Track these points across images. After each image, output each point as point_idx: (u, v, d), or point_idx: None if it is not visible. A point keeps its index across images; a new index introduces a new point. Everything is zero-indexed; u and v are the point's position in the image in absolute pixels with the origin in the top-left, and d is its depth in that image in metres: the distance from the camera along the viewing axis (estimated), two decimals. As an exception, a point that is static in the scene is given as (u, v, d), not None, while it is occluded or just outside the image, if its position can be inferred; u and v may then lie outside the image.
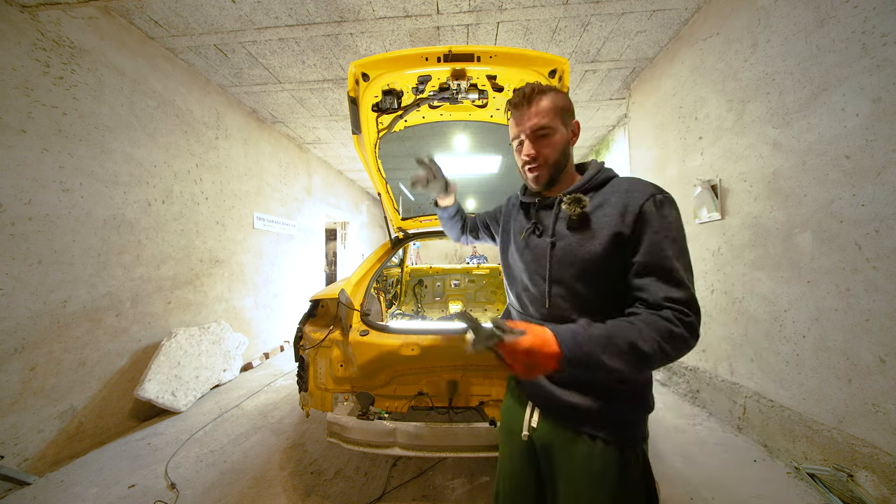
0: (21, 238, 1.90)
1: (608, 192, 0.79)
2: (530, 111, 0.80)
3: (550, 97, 0.81)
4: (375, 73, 1.35)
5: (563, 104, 0.82)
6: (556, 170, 0.83)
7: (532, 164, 0.83)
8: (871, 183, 1.49)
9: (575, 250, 0.77)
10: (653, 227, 0.70)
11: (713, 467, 1.88)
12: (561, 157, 0.82)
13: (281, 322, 4.59)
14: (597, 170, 0.85)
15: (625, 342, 0.63)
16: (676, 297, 0.65)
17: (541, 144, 0.81)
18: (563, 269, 0.77)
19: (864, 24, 1.51)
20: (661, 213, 0.71)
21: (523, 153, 0.83)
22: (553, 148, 0.81)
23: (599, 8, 2.47)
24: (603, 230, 0.74)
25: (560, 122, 0.81)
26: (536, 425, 0.82)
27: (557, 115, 0.81)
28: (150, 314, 2.68)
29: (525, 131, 0.81)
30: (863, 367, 1.55)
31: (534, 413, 0.84)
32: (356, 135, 1.59)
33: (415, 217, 2.58)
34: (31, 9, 2.02)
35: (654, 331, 0.63)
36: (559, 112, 0.81)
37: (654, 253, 0.69)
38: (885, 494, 1.45)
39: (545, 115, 0.80)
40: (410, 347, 1.54)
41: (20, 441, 1.89)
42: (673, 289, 0.66)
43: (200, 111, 3.24)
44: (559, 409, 0.78)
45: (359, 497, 1.70)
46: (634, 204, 0.72)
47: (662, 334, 0.62)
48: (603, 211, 0.76)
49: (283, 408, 2.75)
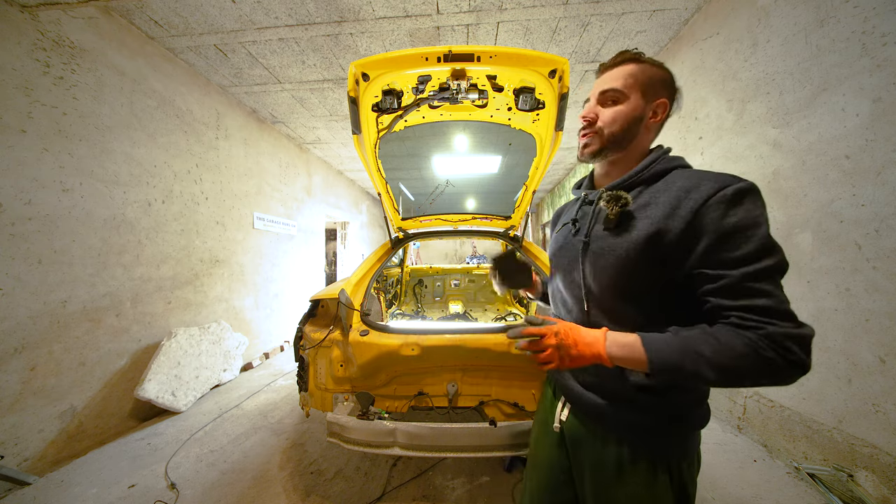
0: (21, 238, 1.90)
1: (660, 189, 0.65)
2: (607, 75, 0.72)
3: (637, 65, 0.70)
4: (375, 73, 1.35)
5: (653, 76, 0.70)
6: (611, 143, 0.71)
7: (586, 129, 0.73)
8: (871, 183, 1.49)
9: (607, 254, 0.67)
10: (721, 225, 0.56)
11: (713, 467, 1.88)
12: (622, 130, 0.70)
13: (281, 322, 4.59)
14: (654, 158, 0.70)
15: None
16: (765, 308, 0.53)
17: (606, 107, 0.71)
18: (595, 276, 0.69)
19: (864, 24, 1.51)
20: (734, 207, 0.56)
21: (581, 114, 0.73)
22: (616, 115, 0.69)
23: (599, 8, 2.47)
24: (640, 232, 0.63)
25: (638, 92, 0.69)
26: (566, 419, 0.81)
27: (637, 84, 0.69)
28: (150, 314, 2.68)
29: (595, 93, 0.73)
30: (863, 367, 1.55)
31: (564, 407, 0.83)
32: (356, 135, 1.59)
33: (415, 217, 2.58)
34: (31, 9, 2.02)
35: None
36: (641, 82, 0.69)
37: (725, 259, 0.56)
38: (885, 494, 1.45)
39: (621, 79, 0.69)
40: (410, 347, 1.54)
41: (20, 441, 1.89)
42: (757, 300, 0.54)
43: (200, 111, 3.24)
44: (584, 406, 0.76)
45: (359, 497, 1.70)
46: (694, 201, 0.58)
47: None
48: (647, 212, 0.64)
49: (283, 408, 2.75)
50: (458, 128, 1.97)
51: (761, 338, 0.50)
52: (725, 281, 0.55)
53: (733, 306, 0.54)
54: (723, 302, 0.55)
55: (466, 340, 1.54)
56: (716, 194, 0.57)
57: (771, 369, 0.50)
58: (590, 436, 0.75)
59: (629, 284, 0.66)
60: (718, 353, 0.51)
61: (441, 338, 1.56)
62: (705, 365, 0.52)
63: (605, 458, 0.71)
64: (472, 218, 2.63)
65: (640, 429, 0.68)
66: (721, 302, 0.55)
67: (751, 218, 0.55)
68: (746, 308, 0.53)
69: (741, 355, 0.50)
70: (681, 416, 0.67)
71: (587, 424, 0.76)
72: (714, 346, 0.52)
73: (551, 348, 0.64)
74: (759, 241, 0.54)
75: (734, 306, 0.54)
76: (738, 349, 0.51)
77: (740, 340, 0.51)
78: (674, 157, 0.70)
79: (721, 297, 0.55)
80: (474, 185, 2.60)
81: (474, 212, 2.66)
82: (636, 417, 0.68)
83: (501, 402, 1.61)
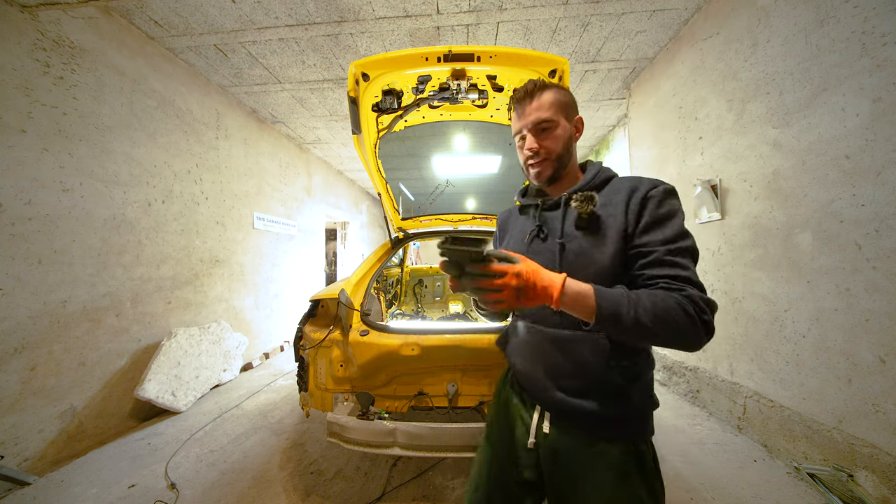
0: (21, 238, 1.90)
1: (611, 192, 0.78)
2: (532, 105, 0.80)
3: (553, 91, 0.80)
4: (375, 73, 1.35)
5: (566, 99, 0.82)
6: (559, 164, 0.81)
7: (534, 159, 0.81)
8: (871, 183, 1.49)
9: (588, 252, 0.74)
10: (655, 213, 0.71)
11: (713, 467, 1.88)
12: (564, 151, 0.81)
13: (281, 322, 4.59)
14: (598, 169, 0.84)
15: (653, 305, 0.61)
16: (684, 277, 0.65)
17: (543, 138, 0.80)
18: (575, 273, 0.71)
19: (864, 24, 1.51)
20: (664, 201, 0.72)
21: (525, 147, 0.81)
22: (555, 141, 0.80)
23: (599, 8, 2.47)
24: (611, 229, 0.73)
25: (563, 116, 0.80)
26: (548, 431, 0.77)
27: (560, 110, 0.80)
28: (150, 314, 2.68)
29: (527, 125, 0.80)
30: (863, 367, 1.55)
31: (543, 419, 0.79)
32: (356, 135, 1.59)
33: (415, 217, 2.58)
34: (31, 9, 2.02)
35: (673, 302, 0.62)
36: (562, 106, 0.80)
37: (656, 239, 0.69)
38: (885, 494, 1.45)
39: (547, 109, 0.79)
40: (410, 347, 1.54)
41: (20, 441, 1.89)
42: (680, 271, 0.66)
43: (200, 111, 3.24)
44: (573, 416, 0.75)
45: (359, 497, 1.70)
46: (637, 196, 0.72)
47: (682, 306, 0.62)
48: (608, 210, 0.75)
49: (283, 408, 2.75)
50: (458, 128, 1.97)
51: (685, 297, 0.62)
52: (655, 255, 0.68)
53: (662, 275, 0.66)
54: (654, 272, 0.67)
55: (466, 340, 1.54)
56: (652, 190, 0.73)
57: (690, 323, 0.60)
58: (574, 444, 0.75)
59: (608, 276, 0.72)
60: (655, 306, 0.61)
61: (441, 338, 1.56)
62: (644, 314, 0.60)
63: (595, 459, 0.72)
64: (472, 218, 2.63)
65: (632, 419, 0.73)
66: (652, 272, 0.68)
67: (674, 210, 0.72)
68: (672, 276, 0.65)
69: (672, 307, 0.61)
70: (653, 398, 0.77)
71: (573, 434, 0.75)
72: (653, 300, 0.62)
73: (509, 289, 0.61)
74: (679, 228, 0.70)
75: (662, 275, 0.66)
76: (669, 303, 0.61)
77: (672, 298, 0.62)
78: (609, 168, 0.85)
79: (652, 269, 0.68)
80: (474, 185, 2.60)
81: (474, 212, 2.66)
82: (622, 409, 0.73)
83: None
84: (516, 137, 0.85)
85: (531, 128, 0.80)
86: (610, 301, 0.62)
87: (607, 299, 0.62)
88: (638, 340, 0.66)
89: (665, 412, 2.53)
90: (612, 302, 0.62)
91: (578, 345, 0.74)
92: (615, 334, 0.67)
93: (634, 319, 0.60)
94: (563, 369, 0.76)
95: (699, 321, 0.60)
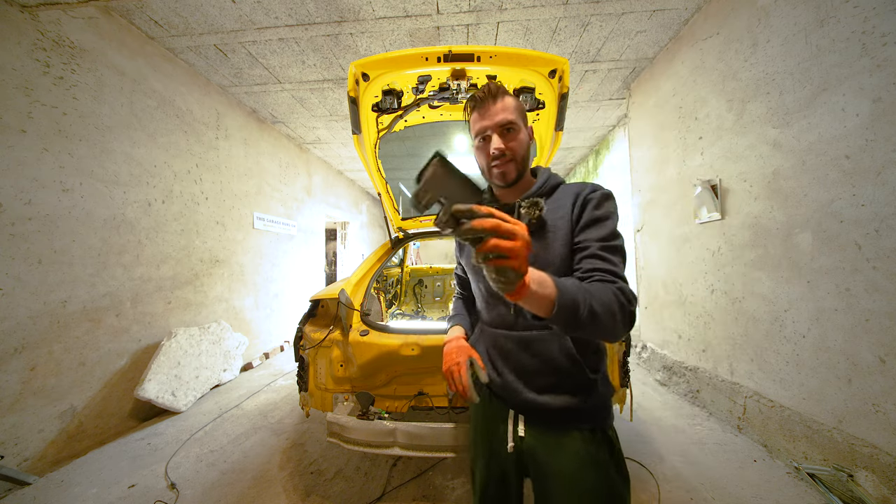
0: (21, 238, 1.90)
1: (559, 196, 0.83)
2: (496, 107, 0.81)
3: (513, 98, 0.84)
4: (375, 73, 1.35)
5: (522, 107, 0.86)
6: (522, 167, 0.84)
7: (500, 159, 0.82)
8: (871, 183, 1.49)
9: (540, 255, 0.78)
10: (592, 214, 0.77)
11: (713, 467, 1.88)
12: (526, 154, 0.84)
13: (281, 322, 4.59)
14: (547, 175, 0.88)
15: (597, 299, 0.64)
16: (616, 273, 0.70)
17: (508, 139, 0.81)
18: None
19: (864, 24, 1.51)
20: (601, 204, 0.78)
21: (492, 147, 0.81)
22: (520, 144, 0.82)
23: (599, 8, 2.47)
24: (560, 231, 0.78)
25: (521, 120, 0.84)
26: (524, 434, 0.80)
27: (521, 115, 0.84)
28: (150, 314, 2.68)
29: (492, 126, 0.81)
30: (863, 367, 1.55)
31: (518, 422, 0.82)
32: (356, 135, 1.59)
33: (415, 217, 2.58)
34: (31, 9, 2.02)
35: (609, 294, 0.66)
36: (521, 112, 0.84)
37: (592, 237, 0.74)
38: (885, 494, 1.45)
39: (512, 112, 0.81)
40: (410, 347, 1.54)
41: (20, 441, 1.89)
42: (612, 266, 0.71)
43: (200, 111, 3.24)
44: (547, 415, 0.78)
45: (359, 497, 1.70)
46: (580, 200, 0.79)
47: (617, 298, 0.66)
48: (557, 214, 0.80)
49: (283, 408, 2.75)
50: (458, 128, 1.97)
51: (616, 289, 0.66)
52: (591, 250, 0.73)
53: (596, 268, 0.71)
54: (589, 264, 0.72)
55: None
56: (592, 193, 0.79)
57: (622, 312, 0.64)
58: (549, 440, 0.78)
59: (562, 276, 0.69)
60: (599, 294, 0.63)
61: (441, 338, 1.55)
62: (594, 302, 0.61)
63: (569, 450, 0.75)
64: None
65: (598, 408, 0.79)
66: (589, 264, 0.72)
67: (609, 212, 0.77)
68: (605, 270, 0.70)
69: (610, 297, 0.64)
70: (609, 383, 0.84)
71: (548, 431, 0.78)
72: (596, 289, 0.65)
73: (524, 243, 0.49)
74: (613, 228, 0.76)
75: (597, 268, 0.71)
76: (608, 292, 0.65)
77: (608, 288, 0.66)
78: (557, 174, 0.89)
79: (589, 262, 0.72)
80: (474, 185, 2.59)
81: None
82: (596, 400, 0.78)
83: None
84: (477, 138, 0.85)
85: (497, 128, 0.81)
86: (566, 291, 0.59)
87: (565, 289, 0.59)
88: (584, 332, 0.63)
89: (665, 412, 2.53)
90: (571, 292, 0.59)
91: (546, 344, 0.79)
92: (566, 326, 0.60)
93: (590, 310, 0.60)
94: (532, 369, 0.80)
95: (627, 310, 0.65)
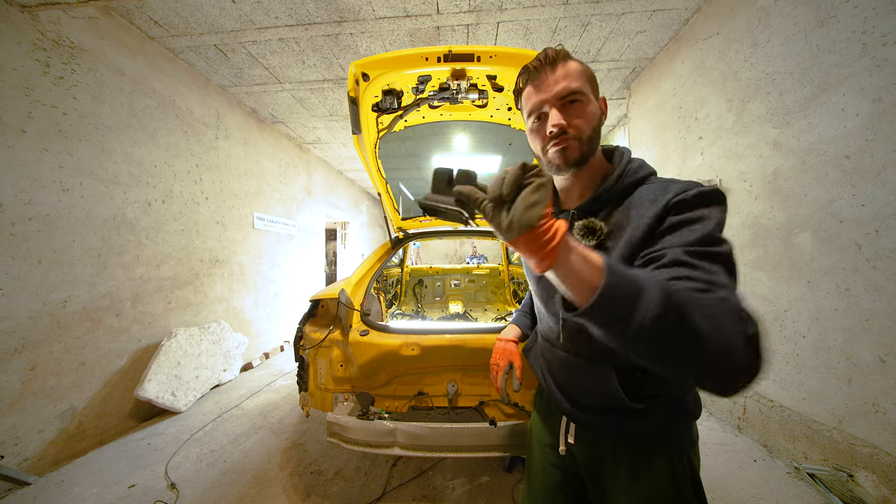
0: (21, 238, 1.90)
1: (638, 202, 0.61)
2: (556, 74, 0.62)
3: (577, 62, 0.65)
4: (375, 73, 1.35)
5: (591, 73, 0.66)
6: (589, 147, 0.64)
7: (559, 137, 0.62)
8: (871, 183, 1.49)
9: None
10: (675, 219, 0.55)
11: (713, 467, 1.88)
12: (595, 134, 0.64)
13: (281, 322, 4.59)
14: (626, 163, 0.66)
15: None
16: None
17: (571, 114, 0.62)
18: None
19: (864, 24, 1.51)
20: (692, 205, 0.55)
21: (549, 124, 0.62)
22: (586, 120, 0.62)
23: (599, 8, 2.47)
24: (615, 251, 0.60)
25: (591, 90, 0.64)
26: (574, 440, 0.75)
27: (589, 83, 0.64)
28: (150, 314, 2.67)
29: (550, 100, 0.62)
30: (863, 367, 1.55)
31: (569, 427, 0.77)
32: (356, 135, 1.59)
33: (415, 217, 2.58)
34: (31, 9, 2.02)
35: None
36: (590, 79, 0.65)
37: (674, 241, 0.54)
38: (885, 494, 1.45)
39: (576, 78, 0.62)
40: (410, 347, 1.54)
41: (20, 441, 1.89)
42: None
43: (200, 111, 3.24)
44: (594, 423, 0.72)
45: (359, 497, 1.70)
46: (662, 205, 0.56)
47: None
48: (626, 234, 0.60)
49: (283, 408, 2.75)
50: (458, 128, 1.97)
51: (731, 305, 0.48)
52: (669, 257, 0.53)
53: (678, 276, 0.51)
54: (667, 273, 0.52)
55: (466, 340, 1.53)
56: (681, 194, 0.57)
57: (741, 338, 0.46)
58: (603, 453, 0.72)
59: None
60: (691, 300, 0.45)
61: (441, 338, 1.55)
62: (677, 305, 0.43)
63: (624, 471, 0.69)
64: None
65: (656, 431, 0.67)
66: (666, 273, 0.52)
67: (704, 214, 0.56)
68: (695, 278, 0.51)
69: (716, 309, 0.46)
70: (687, 408, 0.67)
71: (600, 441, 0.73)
72: (689, 295, 0.46)
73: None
74: (708, 231, 0.54)
75: (679, 276, 0.51)
76: (713, 302, 0.47)
77: (710, 298, 0.48)
78: (639, 167, 0.66)
79: (664, 271, 0.53)
80: (474, 185, 2.59)
81: None
82: (649, 421, 0.66)
83: (502, 402, 1.61)
84: (530, 118, 0.66)
85: (555, 101, 0.62)
86: (629, 275, 0.44)
87: (626, 271, 0.45)
88: (647, 347, 0.44)
89: (665, 412, 2.53)
90: (631, 276, 0.44)
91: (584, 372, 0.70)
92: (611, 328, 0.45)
93: (660, 315, 0.41)
94: (575, 388, 0.75)
95: (751, 338, 0.43)
